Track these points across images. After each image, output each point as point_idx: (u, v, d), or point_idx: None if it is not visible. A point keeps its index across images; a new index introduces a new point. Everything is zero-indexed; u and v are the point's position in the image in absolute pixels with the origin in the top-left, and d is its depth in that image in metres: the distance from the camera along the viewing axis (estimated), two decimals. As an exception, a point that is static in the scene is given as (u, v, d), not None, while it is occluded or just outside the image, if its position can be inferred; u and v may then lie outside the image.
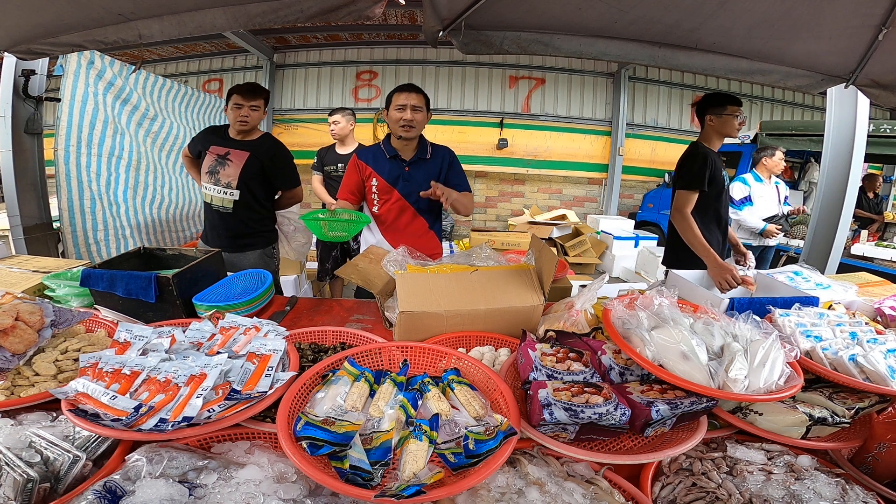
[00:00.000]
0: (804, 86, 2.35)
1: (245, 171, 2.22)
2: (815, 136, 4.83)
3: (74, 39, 1.99)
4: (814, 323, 1.20)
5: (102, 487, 0.67)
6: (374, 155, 2.02)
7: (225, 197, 2.26)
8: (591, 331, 1.28)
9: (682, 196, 2.17)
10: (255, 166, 2.24)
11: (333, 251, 3.45)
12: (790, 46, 2.11)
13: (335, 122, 3.34)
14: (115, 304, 1.37)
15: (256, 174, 2.26)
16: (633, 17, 2.02)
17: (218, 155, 2.25)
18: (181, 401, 0.86)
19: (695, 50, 2.23)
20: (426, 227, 2.08)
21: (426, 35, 2.10)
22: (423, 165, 2.01)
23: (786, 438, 0.94)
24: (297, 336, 1.26)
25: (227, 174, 2.23)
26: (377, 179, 1.99)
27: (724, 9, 1.86)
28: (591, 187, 7.73)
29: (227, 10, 1.77)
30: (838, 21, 1.84)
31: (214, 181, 2.25)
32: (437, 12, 1.97)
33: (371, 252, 1.70)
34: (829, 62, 2.20)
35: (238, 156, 2.23)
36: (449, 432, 0.86)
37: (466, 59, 7.15)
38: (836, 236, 2.99)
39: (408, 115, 1.88)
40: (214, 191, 2.27)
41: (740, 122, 2.21)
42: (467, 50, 2.19)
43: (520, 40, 2.21)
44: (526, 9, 2.06)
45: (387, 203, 2.01)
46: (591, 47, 2.26)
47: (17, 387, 0.96)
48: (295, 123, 7.37)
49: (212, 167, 2.25)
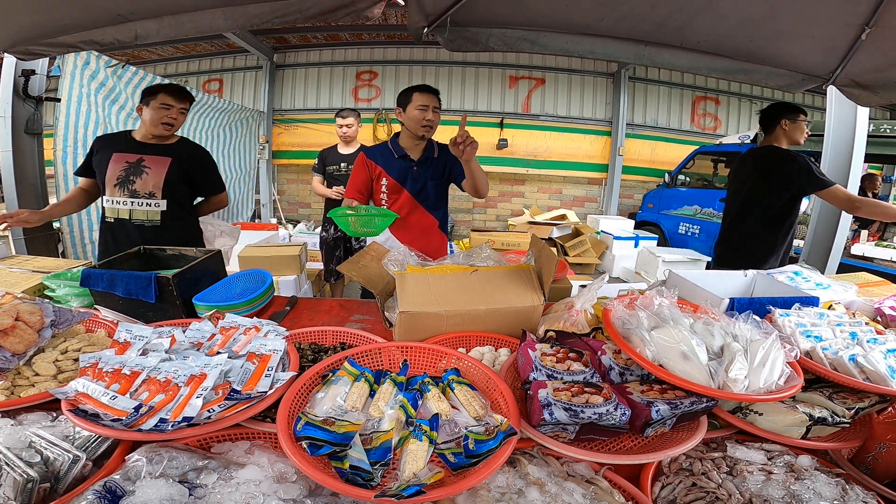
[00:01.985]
0: (785, 85, 2.38)
1: (169, 178, 2.03)
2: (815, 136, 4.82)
3: (72, 40, 1.99)
4: (814, 323, 1.20)
5: (102, 487, 0.67)
6: (383, 154, 2.03)
7: (149, 209, 2.02)
8: (591, 331, 1.28)
9: (832, 193, 2.19)
10: (180, 172, 2.06)
11: (337, 251, 3.45)
12: (773, 46, 2.13)
13: (348, 124, 3.33)
14: (115, 305, 1.37)
15: (181, 181, 2.08)
16: (620, 14, 2.03)
17: (128, 163, 1.99)
18: (181, 401, 0.86)
19: (680, 49, 2.26)
20: (436, 225, 2.10)
21: (411, 31, 2.10)
22: (432, 164, 2.04)
23: (786, 438, 0.94)
24: (297, 336, 1.26)
25: (145, 183, 2.00)
26: (387, 179, 2.00)
27: (711, 6, 1.87)
28: (591, 187, 7.74)
29: (226, 11, 1.77)
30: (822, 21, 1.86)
31: (129, 193, 1.99)
32: (422, 8, 1.96)
33: (373, 249, 1.69)
34: (810, 62, 2.23)
35: (157, 162, 2.02)
36: (449, 432, 0.86)
37: (466, 59, 7.16)
38: (836, 236, 2.99)
39: (430, 115, 1.91)
40: (132, 203, 2.01)
41: (805, 131, 2.33)
42: (452, 47, 2.18)
43: (506, 37, 2.21)
44: (513, 5, 2.07)
45: (397, 202, 2.03)
46: (577, 45, 2.27)
47: (17, 387, 0.96)
48: (295, 123, 7.38)
49: (122, 177, 1.98)
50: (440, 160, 2.07)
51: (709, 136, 7.57)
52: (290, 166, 7.64)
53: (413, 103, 1.93)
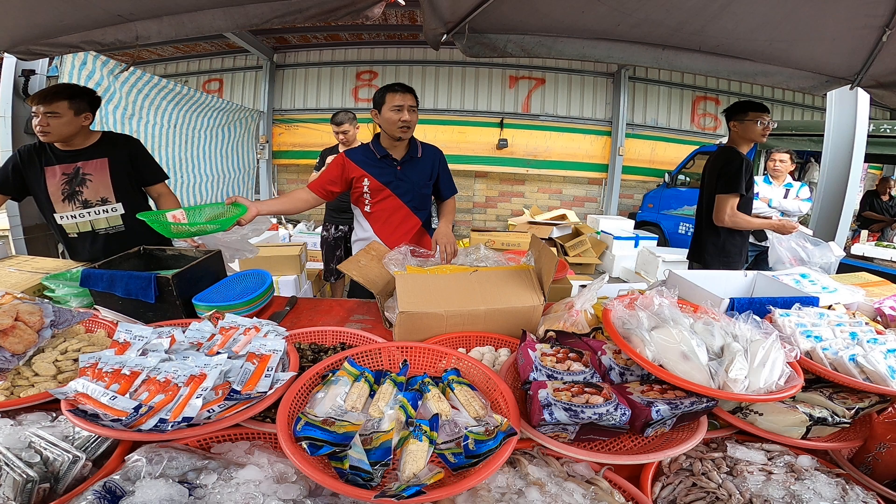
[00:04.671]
0: (808, 87, 2.37)
1: (115, 179, 1.91)
2: (815, 136, 4.83)
3: (72, 40, 1.99)
4: (814, 323, 1.20)
5: (102, 488, 0.67)
6: (365, 155, 1.98)
7: (108, 215, 1.92)
8: (591, 331, 1.28)
9: (724, 200, 2.28)
10: (121, 168, 1.93)
11: (338, 251, 3.44)
12: (793, 48, 2.11)
13: (343, 131, 3.20)
14: (115, 305, 1.37)
15: (127, 177, 1.96)
16: (636, 19, 2.02)
17: (65, 174, 1.86)
18: (181, 401, 0.86)
19: (698, 52, 2.25)
20: (420, 226, 2.07)
21: (427, 37, 2.09)
22: (416, 164, 2.01)
23: (786, 438, 0.94)
24: (296, 336, 1.26)
25: (94, 191, 1.89)
26: (369, 180, 1.95)
27: (727, 11, 1.86)
28: (591, 187, 7.74)
29: (226, 11, 1.77)
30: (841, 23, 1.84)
31: (81, 204, 1.88)
32: (440, 15, 1.96)
33: (373, 248, 1.69)
34: (833, 64, 2.20)
35: (94, 166, 1.88)
36: (449, 432, 0.86)
37: (466, 59, 7.14)
38: (836, 236, 2.99)
39: (406, 115, 1.85)
40: (89, 214, 1.89)
41: (765, 128, 2.28)
42: (471, 53, 2.19)
43: (523, 43, 2.22)
44: (529, 12, 2.06)
45: (380, 203, 1.99)
46: (594, 50, 2.27)
47: (17, 387, 0.96)
48: (295, 123, 7.38)
49: (66, 190, 1.86)
50: (425, 161, 2.03)
51: (709, 136, 7.57)
52: (290, 166, 7.64)
53: (387, 104, 1.86)
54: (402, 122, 1.86)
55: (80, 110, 1.82)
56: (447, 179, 2.12)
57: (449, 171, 2.14)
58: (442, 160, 2.10)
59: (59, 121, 1.78)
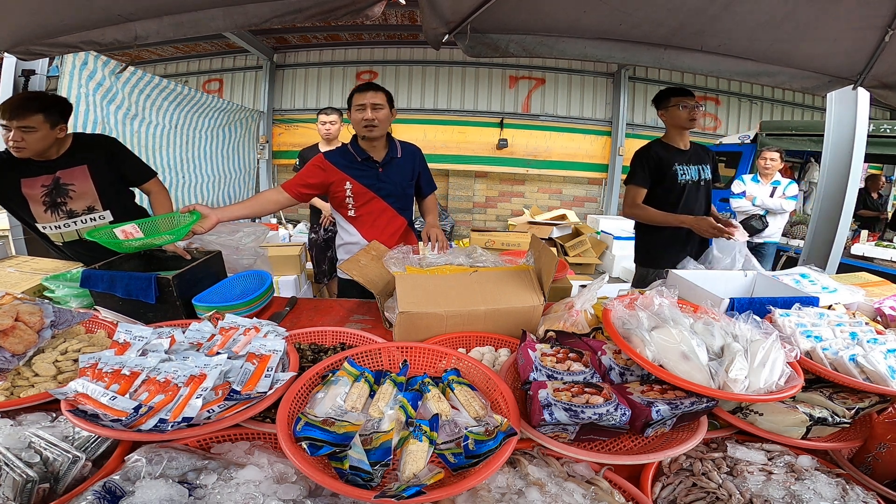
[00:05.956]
0: (811, 87, 2.36)
1: (99, 185, 1.84)
2: (815, 136, 4.83)
3: (72, 40, 1.99)
4: (814, 323, 1.20)
5: (102, 488, 0.67)
6: (345, 157, 1.93)
7: (96, 223, 1.87)
8: (591, 331, 1.28)
9: (627, 191, 2.36)
10: (104, 173, 1.86)
11: (328, 252, 3.44)
12: (796, 48, 2.11)
13: (331, 121, 3.30)
14: (115, 305, 1.37)
15: (112, 181, 1.89)
16: (637, 19, 2.02)
17: (44, 186, 1.77)
18: (181, 401, 0.86)
19: (700, 52, 2.24)
20: (405, 226, 2.05)
21: (428, 37, 2.09)
22: (397, 165, 1.98)
23: (786, 438, 0.94)
24: (296, 336, 1.26)
25: (78, 200, 1.83)
26: (351, 183, 1.90)
27: (728, 11, 1.86)
28: (591, 187, 7.73)
29: (226, 11, 1.77)
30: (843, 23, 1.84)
31: (66, 214, 1.82)
32: (440, 15, 1.96)
33: (373, 248, 1.69)
34: (835, 64, 2.20)
35: (74, 175, 1.81)
36: (449, 433, 0.86)
37: (466, 59, 7.15)
38: (836, 236, 2.99)
39: (368, 114, 1.82)
40: (75, 224, 1.83)
41: (690, 111, 2.23)
42: (473, 53, 2.19)
43: (525, 43, 2.22)
44: (531, 12, 2.06)
45: (365, 206, 1.95)
46: (595, 50, 2.27)
47: (17, 387, 0.96)
48: (295, 123, 7.38)
49: (50, 202, 1.79)
50: (405, 161, 2.01)
51: (709, 136, 7.56)
52: (290, 166, 7.60)
53: (353, 104, 1.85)
54: (365, 120, 1.83)
55: (55, 123, 1.72)
56: (427, 177, 2.14)
57: (428, 169, 2.15)
58: (421, 158, 2.09)
59: (35, 136, 1.66)
